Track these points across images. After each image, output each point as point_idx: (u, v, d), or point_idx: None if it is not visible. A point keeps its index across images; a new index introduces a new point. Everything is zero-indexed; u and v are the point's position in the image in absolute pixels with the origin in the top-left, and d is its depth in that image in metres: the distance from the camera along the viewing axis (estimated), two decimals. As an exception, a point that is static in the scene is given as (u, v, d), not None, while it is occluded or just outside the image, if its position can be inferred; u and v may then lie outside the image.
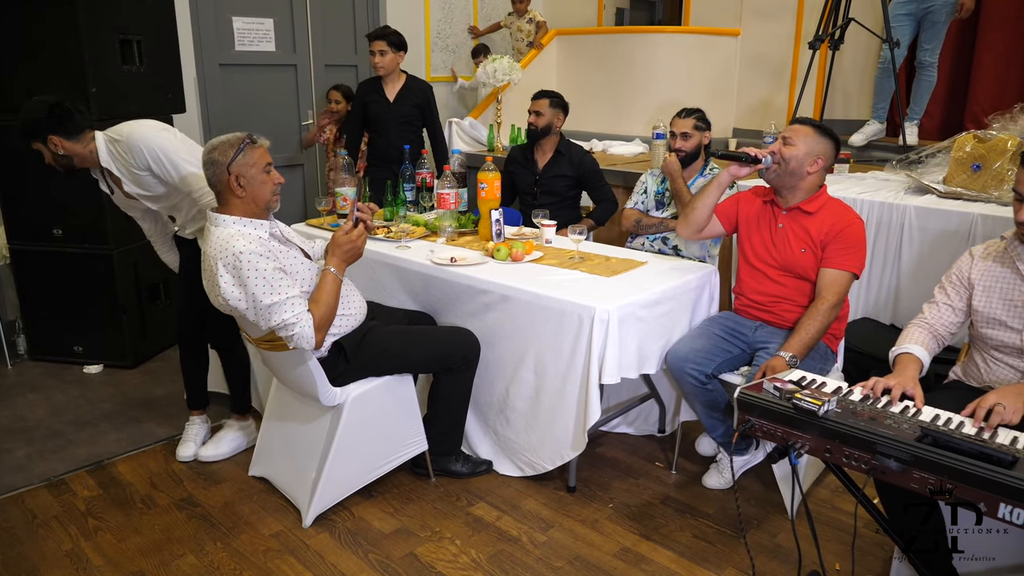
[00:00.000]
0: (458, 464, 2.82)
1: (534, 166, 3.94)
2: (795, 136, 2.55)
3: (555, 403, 2.62)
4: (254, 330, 2.37)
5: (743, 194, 2.79)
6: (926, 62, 4.59)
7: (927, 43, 4.56)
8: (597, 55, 6.29)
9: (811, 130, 2.56)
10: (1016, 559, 1.91)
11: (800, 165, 2.53)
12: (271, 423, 2.80)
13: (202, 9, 4.78)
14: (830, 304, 2.47)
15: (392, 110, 4.35)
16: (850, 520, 2.50)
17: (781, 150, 2.54)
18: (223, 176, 2.28)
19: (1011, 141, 3.18)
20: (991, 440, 1.63)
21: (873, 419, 1.68)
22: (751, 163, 2.57)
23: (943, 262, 3.04)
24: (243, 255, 2.19)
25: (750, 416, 1.79)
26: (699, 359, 2.56)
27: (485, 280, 2.74)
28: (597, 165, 3.94)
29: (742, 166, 2.61)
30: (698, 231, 2.79)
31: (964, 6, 4.49)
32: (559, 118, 3.88)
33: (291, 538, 2.47)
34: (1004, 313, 2.06)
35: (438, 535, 2.49)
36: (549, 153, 3.91)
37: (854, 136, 4.95)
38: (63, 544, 2.45)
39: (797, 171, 2.53)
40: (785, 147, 2.54)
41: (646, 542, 2.46)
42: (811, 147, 2.54)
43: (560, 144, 3.90)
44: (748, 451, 2.75)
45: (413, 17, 5.98)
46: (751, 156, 2.56)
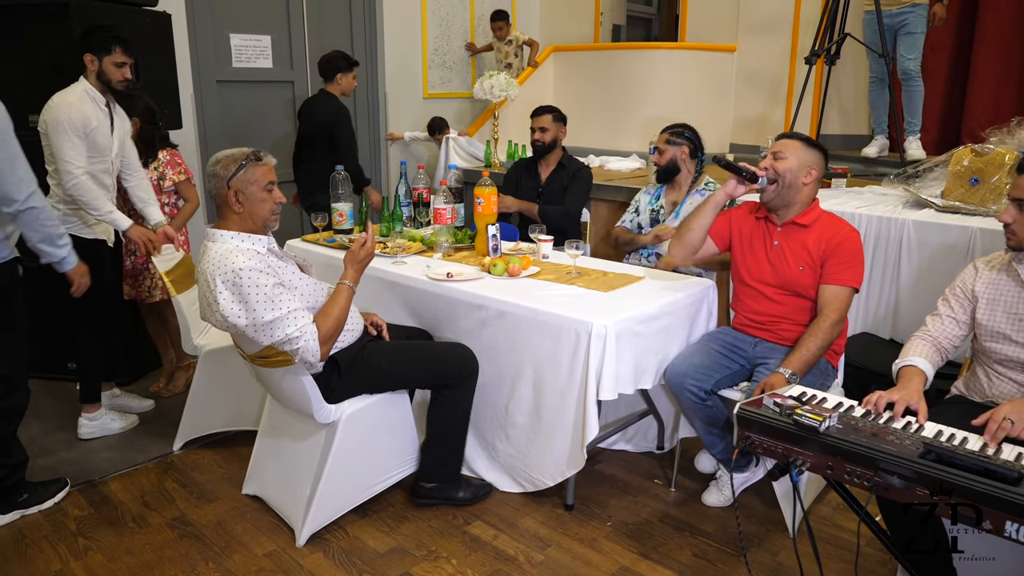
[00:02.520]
0: (460, 491, 2.72)
1: (538, 178, 4.02)
2: (785, 150, 2.54)
3: (554, 419, 2.59)
4: (250, 346, 2.34)
5: (735, 211, 2.77)
6: (910, 72, 4.62)
7: (907, 54, 4.59)
8: (594, 71, 6.32)
9: (799, 143, 2.56)
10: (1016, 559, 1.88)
11: (796, 178, 2.52)
12: (265, 440, 2.77)
13: (200, 26, 4.79)
14: (832, 321, 2.45)
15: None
16: (852, 538, 2.46)
17: (774, 165, 2.53)
18: (223, 190, 2.27)
19: (1008, 155, 3.18)
20: (996, 456, 1.60)
21: (875, 435, 1.66)
22: (749, 179, 2.55)
23: (942, 276, 3.02)
24: (243, 271, 2.17)
25: (750, 432, 1.76)
26: (698, 375, 2.53)
27: (482, 295, 2.72)
28: (589, 179, 4.00)
29: (739, 183, 2.59)
30: (692, 253, 2.73)
31: (937, 15, 4.54)
32: (562, 131, 4.03)
33: (284, 558, 2.43)
34: (1008, 327, 2.04)
35: (434, 554, 2.45)
36: (552, 166, 4.02)
37: (867, 148, 4.98)
38: (52, 565, 2.41)
39: (794, 184, 2.52)
40: (777, 162, 2.53)
41: (645, 561, 2.42)
42: (803, 159, 2.53)
43: (563, 157, 4.02)
44: (748, 468, 2.72)
45: (410, 34, 6.00)
46: (751, 171, 2.54)
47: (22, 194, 2.43)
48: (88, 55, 3.04)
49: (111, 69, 3.05)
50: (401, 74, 5.96)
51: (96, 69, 3.05)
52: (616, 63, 6.22)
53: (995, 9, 4.85)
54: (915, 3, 4.52)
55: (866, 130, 5.33)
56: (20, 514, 2.68)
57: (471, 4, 6.42)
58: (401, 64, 5.95)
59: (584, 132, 6.19)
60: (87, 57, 3.04)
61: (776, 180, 2.52)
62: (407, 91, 6.00)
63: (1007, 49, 4.87)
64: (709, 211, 2.69)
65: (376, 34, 5.74)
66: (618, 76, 6.17)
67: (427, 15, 6.08)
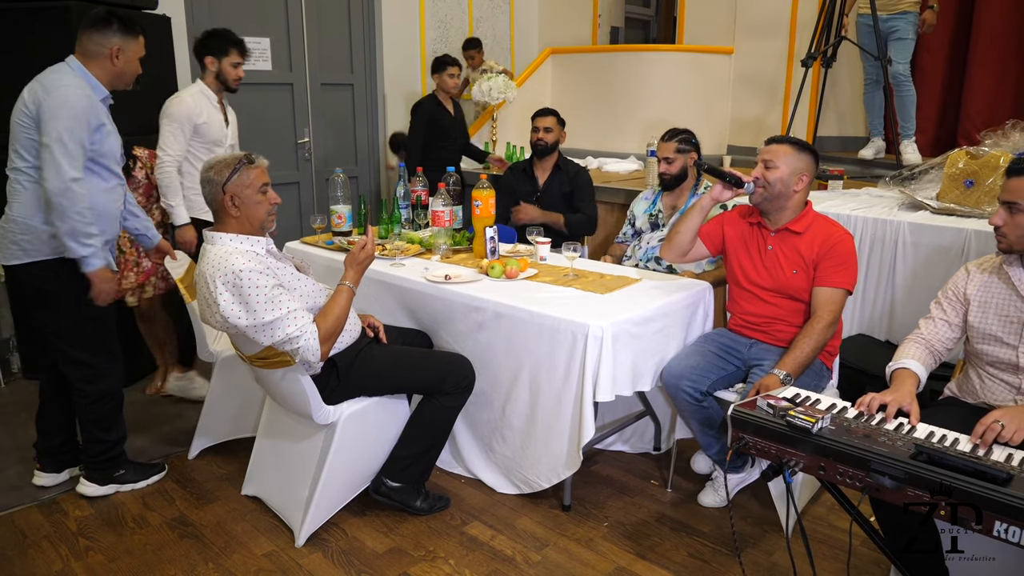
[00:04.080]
0: (418, 499, 2.66)
1: (535, 182, 3.98)
2: (775, 157, 2.53)
3: (551, 420, 2.60)
4: (249, 347, 2.36)
5: (727, 215, 2.78)
6: (900, 76, 4.64)
7: (898, 58, 4.61)
8: (592, 73, 6.34)
9: (790, 148, 2.55)
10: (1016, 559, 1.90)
11: (786, 186, 2.52)
12: (264, 442, 2.79)
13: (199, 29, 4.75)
14: (826, 323, 2.47)
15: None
16: (846, 538, 2.48)
17: (764, 174, 2.54)
18: (218, 195, 2.29)
19: (1003, 157, 3.20)
20: (986, 457, 1.62)
21: (867, 436, 1.68)
22: (734, 185, 2.57)
23: (937, 278, 3.04)
24: (243, 273, 2.19)
25: (744, 434, 1.78)
26: (694, 376, 2.55)
27: (480, 297, 2.73)
28: (590, 180, 3.97)
29: (725, 188, 2.61)
30: (682, 255, 2.77)
31: (926, 21, 4.56)
32: (563, 134, 4.01)
33: (283, 558, 2.45)
34: (1000, 329, 2.06)
35: (432, 554, 2.47)
36: (549, 168, 3.97)
37: (863, 150, 4.99)
38: (53, 564, 2.42)
39: (784, 192, 2.53)
40: (768, 171, 2.53)
41: (641, 561, 2.44)
42: (794, 165, 2.53)
43: (559, 160, 3.98)
44: (743, 469, 2.74)
45: (409, 36, 6.01)
46: (735, 177, 2.55)
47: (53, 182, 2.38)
48: (209, 57, 3.45)
49: (228, 69, 3.47)
50: (400, 75, 5.97)
51: (215, 70, 3.46)
52: (614, 65, 6.24)
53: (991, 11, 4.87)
54: (906, 10, 4.55)
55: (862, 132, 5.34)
56: (115, 489, 2.80)
57: (469, 5, 6.44)
58: (400, 65, 5.96)
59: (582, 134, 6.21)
60: (208, 59, 3.45)
61: (764, 186, 2.54)
62: (405, 92, 6.01)
63: (1003, 51, 4.89)
64: (696, 215, 2.71)
65: (374, 36, 5.75)
66: (616, 78, 6.19)
67: (425, 16, 6.10)
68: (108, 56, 2.52)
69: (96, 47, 2.51)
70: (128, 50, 2.56)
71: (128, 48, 2.55)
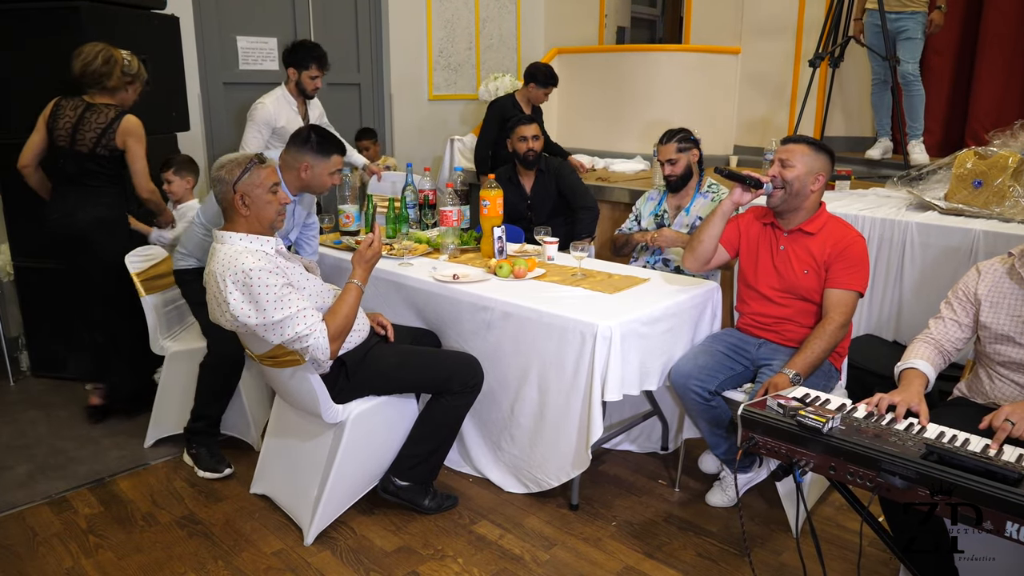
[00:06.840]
0: (427, 498, 2.67)
1: (522, 190, 3.93)
2: (792, 156, 2.53)
3: (559, 420, 2.61)
4: (259, 346, 2.37)
5: (742, 217, 2.78)
6: (909, 76, 4.63)
7: (907, 58, 4.60)
8: (598, 73, 6.33)
9: (807, 147, 2.55)
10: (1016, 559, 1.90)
11: (803, 185, 2.53)
12: (272, 440, 2.80)
13: (207, 29, 4.82)
14: (837, 324, 2.46)
15: None
16: (855, 538, 2.48)
17: (782, 174, 2.53)
18: (229, 194, 2.30)
19: (1012, 158, 3.19)
20: (997, 457, 1.62)
21: (878, 436, 1.68)
22: (753, 187, 2.56)
23: (945, 278, 3.04)
24: (253, 272, 2.20)
25: (754, 433, 1.78)
26: (703, 376, 2.55)
27: (488, 297, 2.74)
28: (573, 170, 3.95)
29: (745, 190, 2.60)
30: (705, 263, 2.74)
31: (934, 22, 4.55)
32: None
33: (292, 556, 2.46)
34: (1012, 329, 2.05)
35: (440, 553, 2.47)
36: (533, 174, 3.92)
37: (871, 150, 4.98)
38: (63, 562, 2.44)
39: (801, 191, 2.53)
40: (785, 170, 2.53)
41: (649, 560, 2.44)
42: (810, 165, 2.53)
43: (540, 163, 3.91)
44: (752, 468, 2.74)
45: (415, 36, 6.02)
46: (754, 179, 2.55)
47: None
48: (291, 68, 3.89)
49: (307, 81, 3.90)
50: (406, 76, 5.98)
51: (296, 79, 3.89)
52: (620, 65, 6.23)
53: (999, 11, 4.86)
54: (914, 10, 4.54)
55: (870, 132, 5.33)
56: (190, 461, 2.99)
57: (476, 5, 6.44)
58: (406, 66, 5.97)
59: (588, 134, 6.20)
60: (290, 70, 3.89)
61: (783, 187, 2.53)
62: (412, 93, 6.02)
63: (1011, 51, 4.87)
64: (718, 221, 2.69)
65: (381, 36, 5.76)
66: (622, 78, 6.18)
67: (432, 17, 6.10)
68: (298, 170, 2.76)
69: (291, 160, 2.76)
70: (317, 167, 2.76)
71: (318, 166, 2.76)
